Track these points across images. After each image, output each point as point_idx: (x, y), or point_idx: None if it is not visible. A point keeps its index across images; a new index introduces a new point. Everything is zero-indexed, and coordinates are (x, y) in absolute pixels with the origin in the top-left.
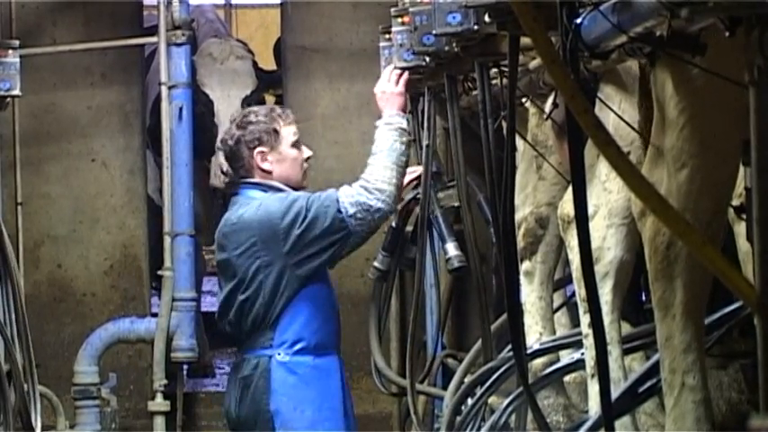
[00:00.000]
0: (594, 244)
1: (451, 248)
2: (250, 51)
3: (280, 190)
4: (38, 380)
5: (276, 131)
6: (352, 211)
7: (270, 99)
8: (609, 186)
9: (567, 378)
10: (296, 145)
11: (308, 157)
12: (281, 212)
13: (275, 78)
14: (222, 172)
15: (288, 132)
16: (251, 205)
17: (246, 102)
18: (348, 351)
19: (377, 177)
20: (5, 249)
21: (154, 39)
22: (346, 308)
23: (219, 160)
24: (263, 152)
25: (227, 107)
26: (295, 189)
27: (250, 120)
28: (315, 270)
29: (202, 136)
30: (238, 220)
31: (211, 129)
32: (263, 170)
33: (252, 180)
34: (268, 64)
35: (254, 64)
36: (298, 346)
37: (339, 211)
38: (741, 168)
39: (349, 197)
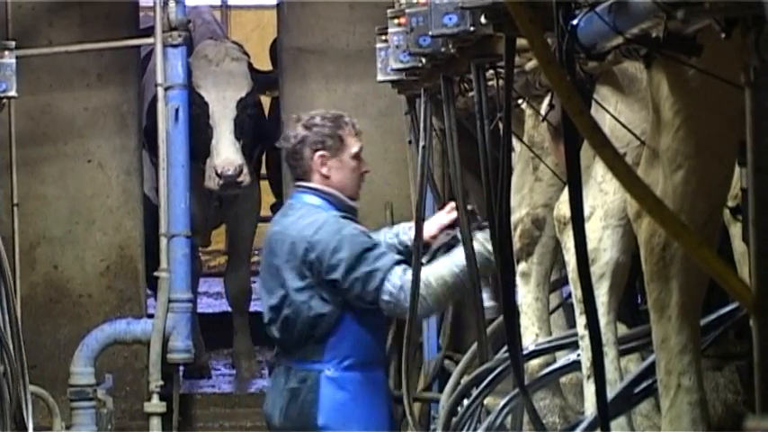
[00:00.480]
0: (590, 245)
1: (486, 298)
2: (245, 53)
3: (336, 201)
4: (34, 381)
5: (341, 138)
6: (387, 298)
7: (265, 100)
8: (605, 188)
9: (563, 379)
10: (357, 156)
11: (366, 171)
12: (329, 249)
13: (271, 79)
14: (217, 174)
15: (352, 142)
16: (305, 217)
17: (241, 104)
18: None
19: (431, 293)
20: None
21: (150, 40)
22: None
23: (213, 162)
24: (324, 156)
25: (222, 109)
26: (350, 199)
27: (316, 122)
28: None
29: (197, 138)
30: (291, 230)
31: (206, 130)
32: (322, 174)
33: (309, 185)
34: (264, 65)
35: (250, 65)
36: (347, 363)
37: (377, 289)
38: (737, 169)
39: (395, 287)
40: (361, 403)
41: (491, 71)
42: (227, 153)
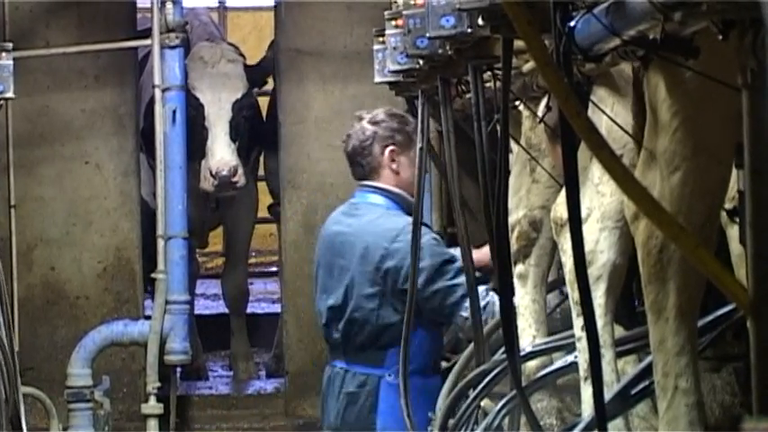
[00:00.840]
0: (587, 247)
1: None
2: (242, 54)
3: (402, 201)
4: (31, 382)
5: (408, 135)
6: (466, 314)
7: (263, 102)
8: (602, 189)
9: (560, 381)
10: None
11: None
12: (409, 258)
13: (263, 69)
14: (212, 175)
15: (416, 140)
16: (380, 223)
17: (237, 105)
18: None
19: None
20: None
21: (147, 41)
22: None
23: (208, 163)
24: (394, 151)
25: (217, 111)
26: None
27: (383, 118)
28: None
29: (193, 139)
30: (364, 234)
31: (201, 132)
32: (392, 170)
33: (374, 184)
34: None
35: (245, 66)
36: (409, 368)
37: (456, 304)
38: (734, 171)
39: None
40: (420, 409)
41: (488, 73)
42: (221, 154)
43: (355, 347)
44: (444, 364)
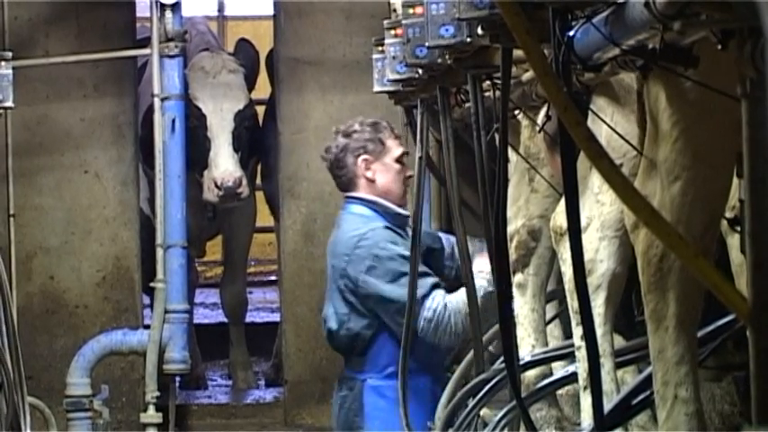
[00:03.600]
0: (587, 256)
1: None
2: (242, 64)
3: (384, 210)
4: (30, 392)
5: (382, 141)
6: (422, 324)
7: (260, 110)
8: (601, 198)
9: (559, 390)
10: (400, 160)
11: (410, 176)
12: (362, 269)
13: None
14: (216, 186)
15: (393, 145)
16: (349, 230)
17: (239, 116)
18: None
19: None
20: None
21: (147, 51)
22: None
23: (212, 174)
24: (367, 160)
25: (219, 121)
26: (397, 205)
27: (355, 129)
28: None
29: (195, 150)
30: (338, 244)
31: (204, 143)
32: (367, 178)
33: (355, 195)
34: (260, 75)
35: (245, 77)
36: (388, 371)
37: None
38: (735, 180)
39: (430, 310)
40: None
41: (488, 82)
42: (226, 165)
43: (342, 353)
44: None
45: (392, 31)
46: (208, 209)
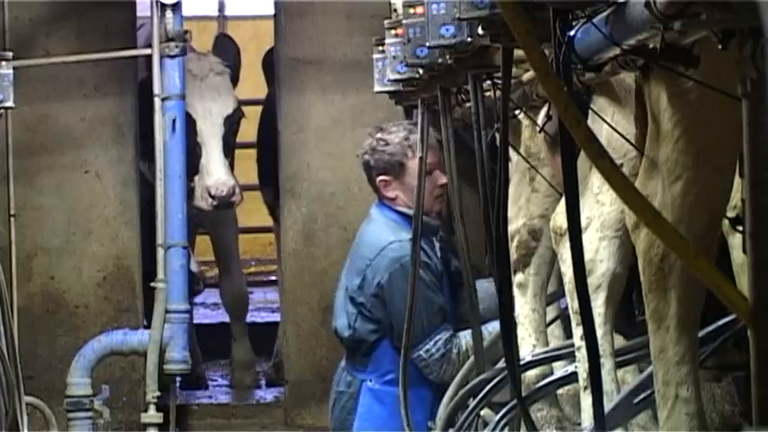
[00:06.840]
0: (587, 256)
1: None
2: (228, 66)
3: (406, 217)
4: (30, 392)
5: (402, 165)
6: (422, 354)
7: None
8: (602, 198)
9: (560, 390)
10: (428, 172)
11: (443, 184)
12: (374, 283)
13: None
14: (210, 195)
15: (415, 164)
16: (374, 234)
17: (228, 120)
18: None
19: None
20: None
21: (147, 51)
22: None
23: (205, 183)
24: (386, 181)
25: (210, 126)
26: (425, 214)
27: (381, 148)
28: None
29: (185, 155)
30: (362, 244)
31: (194, 148)
32: (387, 197)
33: (386, 198)
34: (259, 75)
35: (230, 77)
36: (388, 377)
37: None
38: (737, 180)
39: (428, 353)
40: (397, 420)
41: (488, 82)
42: (218, 174)
43: (345, 348)
44: None
45: (393, 31)
46: (193, 212)
